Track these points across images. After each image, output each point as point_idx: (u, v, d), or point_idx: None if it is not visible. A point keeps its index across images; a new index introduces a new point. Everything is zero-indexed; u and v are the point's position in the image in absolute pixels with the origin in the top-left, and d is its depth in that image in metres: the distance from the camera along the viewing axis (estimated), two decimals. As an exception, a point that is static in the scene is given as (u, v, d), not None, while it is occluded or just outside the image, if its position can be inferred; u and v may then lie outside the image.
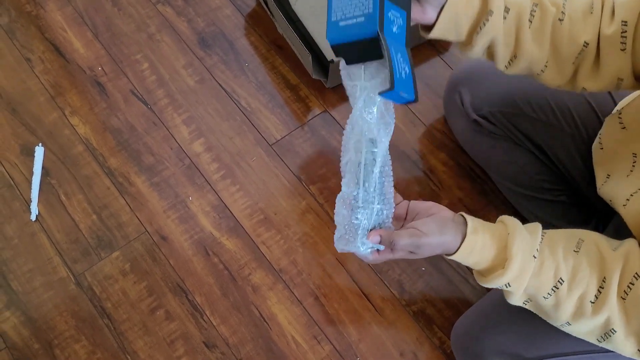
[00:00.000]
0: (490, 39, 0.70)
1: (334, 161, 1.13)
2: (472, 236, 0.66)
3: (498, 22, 0.68)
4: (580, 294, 0.65)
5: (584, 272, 0.65)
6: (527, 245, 0.65)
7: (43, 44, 1.20)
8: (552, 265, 0.65)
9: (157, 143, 1.13)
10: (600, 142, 0.84)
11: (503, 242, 0.66)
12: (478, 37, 0.69)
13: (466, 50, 0.72)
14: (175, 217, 1.07)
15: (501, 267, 0.65)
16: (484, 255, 0.66)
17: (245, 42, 1.24)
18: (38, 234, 1.04)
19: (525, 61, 0.72)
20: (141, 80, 1.19)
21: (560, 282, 0.65)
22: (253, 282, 1.02)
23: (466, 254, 0.66)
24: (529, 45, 0.70)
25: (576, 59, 0.71)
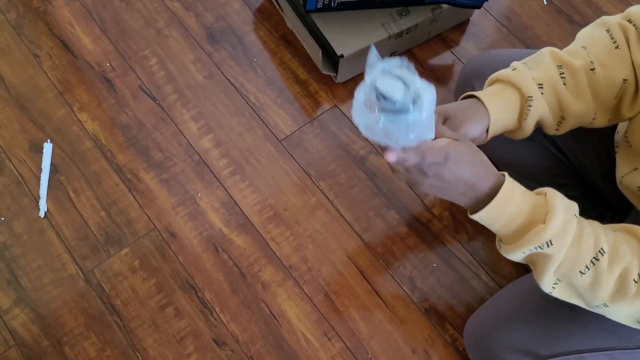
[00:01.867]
0: (538, 117, 0.72)
1: (343, 157, 1.12)
2: (511, 183, 0.58)
3: (540, 101, 0.70)
4: (623, 270, 0.58)
5: (626, 247, 0.58)
6: (567, 203, 0.59)
7: (51, 40, 1.20)
8: (591, 235, 0.58)
9: (165, 139, 1.12)
10: (627, 141, 0.82)
11: (541, 197, 0.59)
12: (527, 122, 0.71)
13: (517, 135, 0.74)
14: (185, 214, 1.06)
15: (541, 221, 0.57)
16: (523, 205, 0.58)
17: (254, 37, 1.23)
18: (47, 230, 1.04)
19: (573, 119, 0.73)
20: (150, 75, 1.18)
21: (601, 252, 0.57)
22: (263, 279, 1.01)
23: (505, 200, 0.57)
24: (573, 105, 0.71)
25: (617, 94, 0.71)
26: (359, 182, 1.10)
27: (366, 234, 1.05)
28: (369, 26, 1.13)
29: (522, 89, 0.70)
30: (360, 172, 1.11)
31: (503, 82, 0.72)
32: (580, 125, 0.75)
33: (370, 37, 1.12)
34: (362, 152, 1.13)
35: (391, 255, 1.04)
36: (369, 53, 0.58)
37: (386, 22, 1.14)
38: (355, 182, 1.10)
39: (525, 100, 0.70)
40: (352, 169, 1.11)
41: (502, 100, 0.71)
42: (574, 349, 0.80)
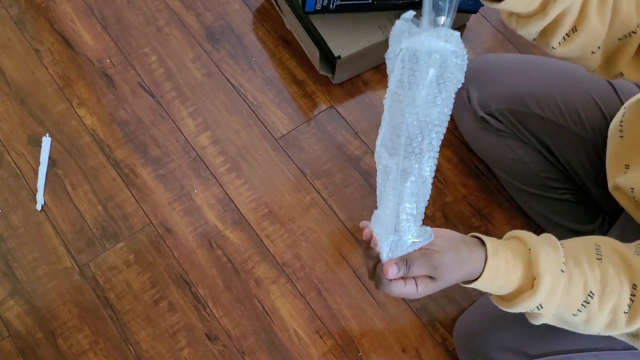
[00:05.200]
0: (567, 6, 0.60)
1: (339, 156, 1.13)
2: (494, 259, 0.58)
3: None
4: (613, 306, 0.59)
5: (614, 282, 0.59)
6: (552, 260, 0.59)
7: (52, 36, 1.21)
8: (580, 279, 0.59)
9: (163, 135, 1.13)
10: (620, 131, 0.81)
11: (526, 259, 0.59)
12: (556, 4, 0.59)
13: (533, 21, 0.61)
14: (180, 210, 1.07)
15: (529, 287, 0.58)
16: (509, 277, 0.59)
17: (253, 37, 1.25)
18: (43, 223, 1.04)
19: (585, 36, 0.63)
20: (149, 73, 1.19)
21: (590, 295, 0.59)
22: (256, 276, 1.02)
23: (491, 278, 0.59)
24: (593, 17, 0.61)
25: (624, 38, 0.64)
26: (353, 181, 1.11)
27: (359, 232, 1.07)
28: (366, 28, 1.14)
29: None
30: (355, 172, 1.12)
31: None
32: (580, 54, 0.66)
33: (368, 39, 1.13)
34: (357, 153, 1.14)
35: (384, 255, 1.05)
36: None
37: (384, 24, 1.15)
38: (350, 181, 1.11)
39: None
40: (347, 169, 1.12)
41: None
42: (562, 349, 0.81)
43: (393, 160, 0.56)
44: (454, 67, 0.52)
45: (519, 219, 1.10)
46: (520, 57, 1.09)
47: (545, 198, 1.01)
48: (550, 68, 1.00)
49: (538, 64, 1.02)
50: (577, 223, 1.00)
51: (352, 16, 1.15)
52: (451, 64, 0.52)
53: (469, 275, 0.59)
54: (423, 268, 0.57)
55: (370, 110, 1.18)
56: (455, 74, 0.53)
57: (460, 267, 0.58)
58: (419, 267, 0.57)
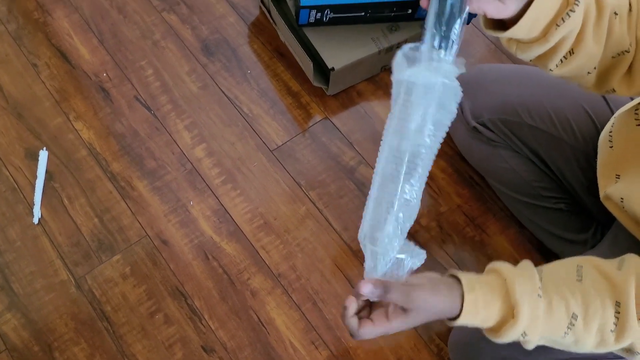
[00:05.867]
0: (568, 32, 0.61)
1: (333, 167, 1.14)
2: (471, 294, 0.60)
3: (580, 12, 0.60)
4: (599, 326, 0.60)
5: (596, 303, 0.60)
6: (527, 286, 0.60)
7: (50, 50, 1.22)
8: (561, 302, 0.60)
9: (159, 148, 1.14)
10: (610, 141, 0.82)
11: (503, 290, 0.60)
12: (557, 31, 0.60)
13: (534, 46, 0.62)
14: (176, 222, 1.08)
15: (511, 316, 0.60)
16: (490, 311, 0.60)
17: (248, 49, 1.26)
18: (40, 237, 1.05)
19: (581, 58, 0.64)
20: (145, 86, 1.20)
21: (574, 317, 0.60)
22: (252, 287, 1.03)
23: (472, 313, 0.60)
24: (590, 41, 0.63)
25: (617, 56, 0.66)
26: (348, 192, 1.12)
27: (354, 243, 1.07)
28: (359, 40, 1.15)
29: None
30: (350, 182, 1.13)
31: None
32: (578, 72, 0.68)
33: (361, 50, 1.14)
34: (351, 163, 1.15)
35: (379, 265, 1.05)
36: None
37: (377, 36, 1.16)
38: (345, 192, 1.12)
39: (571, 3, 0.59)
40: (342, 180, 1.13)
41: None
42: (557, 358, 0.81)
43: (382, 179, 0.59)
44: (447, 100, 0.54)
45: (513, 228, 1.10)
46: (512, 68, 1.10)
47: (539, 207, 1.01)
48: (542, 78, 1.01)
49: (529, 74, 1.03)
50: (571, 232, 1.00)
51: (346, 28, 1.17)
52: (445, 98, 0.54)
53: (445, 313, 0.61)
54: (399, 295, 0.59)
55: (364, 120, 1.19)
56: (449, 107, 0.55)
57: (436, 304, 0.60)
58: (395, 293, 0.59)
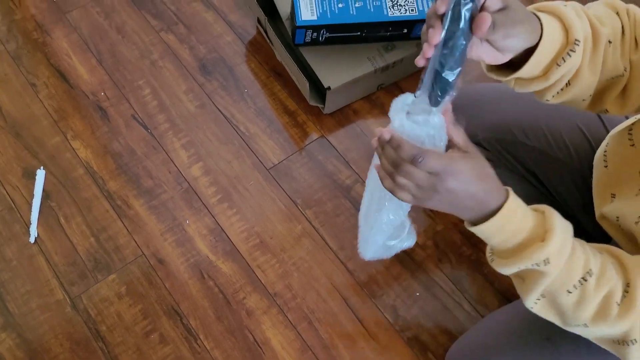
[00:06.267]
0: (568, 70, 0.62)
1: (329, 185, 1.14)
2: (513, 202, 0.58)
3: (580, 51, 0.61)
4: (608, 291, 0.59)
5: (612, 271, 0.60)
6: (564, 224, 0.60)
7: (48, 70, 1.23)
8: (582, 255, 0.59)
9: (156, 167, 1.15)
10: (604, 160, 0.83)
11: (540, 215, 0.60)
12: (557, 70, 0.61)
13: (534, 84, 0.64)
14: (172, 240, 1.08)
15: (540, 239, 0.58)
16: (524, 223, 0.58)
17: (245, 68, 1.27)
18: (36, 256, 1.05)
19: (577, 89, 0.65)
20: (143, 105, 1.21)
21: (589, 273, 0.59)
22: (247, 306, 1.03)
23: (507, 218, 0.58)
24: (586, 73, 0.64)
25: (611, 79, 0.67)
26: (344, 210, 1.12)
27: (350, 262, 1.07)
28: (355, 60, 1.16)
29: (571, 29, 0.60)
30: (346, 201, 1.13)
31: (548, 13, 0.62)
32: (571, 101, 0.68)
33: (357, 70, 1.15)
34: (347, 182, 1.15)
35: (375, 284, 1.05)
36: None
37: (372, 56, 1.17)
38: (341, 210, 1.12)
39: (571, 43, 0.60)
40: (338, 198, 1.13)
41: (553, 31, 0.60)
42: None
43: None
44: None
45: (510, 247, 1.10)
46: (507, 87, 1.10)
47: (534, 226, 1.01)
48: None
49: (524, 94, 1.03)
50: (567, 251, 1.00)
51: (342, 48, 1.18)
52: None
53: (486, 198, 0.57)
54: (462, 137, 0.60)
55: (360, 139, 1.20)
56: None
57: (486, 178, 0.58)
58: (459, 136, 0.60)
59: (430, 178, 0.56)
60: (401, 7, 1.15)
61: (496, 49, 0.58)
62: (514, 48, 0.58)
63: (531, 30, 0.58)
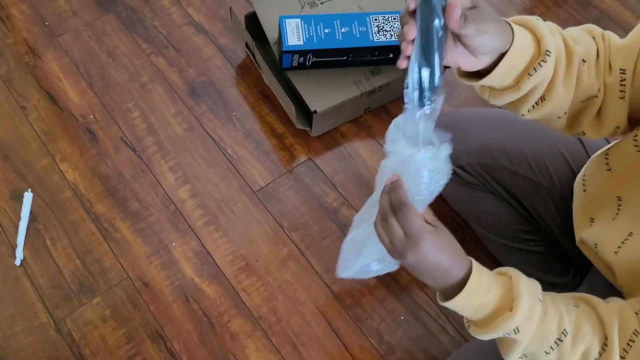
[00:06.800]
0: (540, 82, 0.63)
1: (316, 209, 1.15)
2: (478, 272, 0.61)
3: (551, 62, 0.63)
4: (584, 350, 0.61)
5: (587, 327, 0.61)
6: (531, 288, 0.62)
7: (39, 93, 1.25)
8: (555, 315, 0.61)
9: (143, 189, 1.15)
10: (583, 184, 0.84)
11: (507, 283, 0.62)
12: (529, 80, 0.62)
13: (506, 94, 0.65)
14: (158, 263, 1.08)
15: (508, 309, 0.60)
16: (490, 295, 0.61)
17: (234, 91, 1.28)
18: (22, 278, 1.05)
19: (552, 104, 0.66)
20: (131, 128, 1.22)
21: (564, 333, 0.61)
22: (232, 330, 1.02)
23: (473, 291, 0.61)
24: (560, 88, 0.65)
25: (586, 100, 0.68)
26: (330, 233, 1.12)
27: (335, 285, 1.07)
28: (342, 84, 1.18)
29: (542, 40, 0.62)
30: (332, 224, 1.13)
31: (520, 25, 0.63)
32: (549, 117, 0.69)
33: (344, 93, 1.17)
34: (334, 205, 1.15)
35: (360, 307, 1.05)
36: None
37: (359, 80, 1.19)
38: (327, 233, 1.12)
39: (542, 54, 0.62)
40: (324, 221, 1.14)
41: (524, 39, 0.61)
42: None
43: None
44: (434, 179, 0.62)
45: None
46: (490, 112, 1.12)
47: (518, 250, 1.01)
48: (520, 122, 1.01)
49: (508, 119, 1.04)
50: (551, 275, 1.00)
51: (328, 72, 1.19)
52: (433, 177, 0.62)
53: (450, 273, 0.61)
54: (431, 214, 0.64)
55: (347, 162, 1.21)
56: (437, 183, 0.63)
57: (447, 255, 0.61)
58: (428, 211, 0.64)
59: (405, 241, 0.61)
60: (387, 32, 1.16)
61: (470, 52, 0.59)
62: (487, 48, 0.59)
63: (502, 30, 0.60)
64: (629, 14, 1.47)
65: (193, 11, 1.38)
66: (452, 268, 0.62)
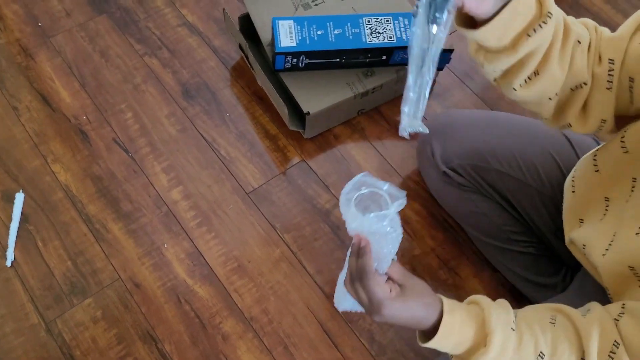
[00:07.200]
0: (538, 45, 0.62)
1: (309, 210, 1.15)
2: (450, 315, 0.64)
3: (551, 27, 0.62)
4: None
5: (564, 345, 0.63)
6: (503, 319, 0.64)
7: (31, 94, 1.24)
8: (531, 339, 0.63)
9: (136, 190, 1.15)
10: (573, 185, 0.84)
11: (480, 318, 0.64)
12: (527, 42, 0.61)
13: (502, 56, 0.63)
14: (150, 264, 1.08)
15: (483, 345, 0.63)
16: (463, 335, 0.64)
17: (228, 93, 1.28)
18: (12, 279, 1.05)
19: (545, 80, 0.66)
20: (124, 129, 1.22)
21: (541, 356, 0.63)
22: (223, 331, 1.02)
23: (446, 334, 0.64)
24: (555, 63, 0.65)
25: (575, 89, 0.69)
26: (323, 235, 1.12)
27: (327, 286, 1.07)
28: (335, 85, 1.18)
29: (545, 2, 0.61)
30: (325, 225, 1.14)
31: None
32: (538, 98, 0.69)
33: (336, 95, 1.17)
34: (327, 206, 1.15)
35: (352, 309, 1.05)
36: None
37: (352, 81, 1.19)
38: (320, 235, 1.12)
39: (544, 15, 0.61)
40: (317, 222, 1.14)
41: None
42: None
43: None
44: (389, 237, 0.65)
45: (486, 272, 1.10)
46: (481, 114, 1.12)
47: (509, 251, 1.02)
48: (510, 125, 1.03)
49: (498, 121, 1.05)
50: (541, 276, 1.01)
51: (321, 73, 1.19)
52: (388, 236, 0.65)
53: (421, 321, 0.65)
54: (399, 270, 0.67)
55: (340, 163, 1.21)
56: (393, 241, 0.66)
57: (418, 306, 0.65)
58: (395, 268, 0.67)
59: (370, 306, 0.66)
60: (379, 34, 1.17)
61: None
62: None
63: None
64: (621, 16, 1.48)
65: (187, 12, 1.39)
66: (422, 320, 0.65)
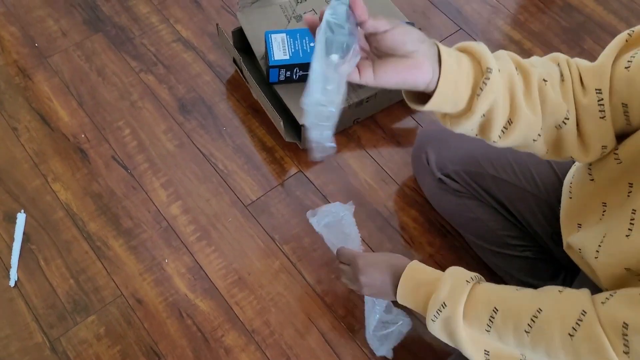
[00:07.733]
0: (492, 101, 0.63)
1: (307, 221, 1.16)
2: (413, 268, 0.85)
3: (497, 79, 0.63)
4: (514, 324, 0.70)
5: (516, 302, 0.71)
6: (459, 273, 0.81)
7: (30, 114, 1.26)
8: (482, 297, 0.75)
9: (135, 207, 1.16)
10: (570, 192, 0.85)
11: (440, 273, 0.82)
12: (479, 100, 0.63)
13: (463, 119, 0.65)
14: (151, 280, 1.09)
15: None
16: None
17: (224, 106, 1.30)
18: (16, 299, 1.06)
19: (521, 126, 0.67)
20: (122, 146, 1.23)
21: (494, 311, 0.72)
22: (226, 344, 1.03)
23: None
24: (524, 108, 0.66)
25: (559, 127, 0.69)
26: (321, 245, 1.13)
27: (328, 296, 1.08)
28: (329, 96, 1.19)
29: (482, 60, 0.63)
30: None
31: (459, 50, 0.65)
32: (524, 141, 0.70)
33: (331, 106, 1.17)
34: (324, 216, 1.16)
35: (352, 317, 1.06)
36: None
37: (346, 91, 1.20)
38: (318, 245, 1.13)
39: (485, 71, 0.62)
40: (315, 233, 1.14)
41: (457, 63, 0.62)
42: None
43: None
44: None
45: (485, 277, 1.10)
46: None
47: (507, 256, 1.02)
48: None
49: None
50: (540, 280, 1.01)
51: (316, 85, 1.20)
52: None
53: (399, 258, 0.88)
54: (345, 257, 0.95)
55: (337, 173, 1.22)
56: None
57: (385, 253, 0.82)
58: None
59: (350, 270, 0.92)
60: (371, 44, 1.18)
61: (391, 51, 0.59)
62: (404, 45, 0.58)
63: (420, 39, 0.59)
64: (613, 17, 1.48)
65: (181, 28, 1.40)
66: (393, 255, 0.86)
